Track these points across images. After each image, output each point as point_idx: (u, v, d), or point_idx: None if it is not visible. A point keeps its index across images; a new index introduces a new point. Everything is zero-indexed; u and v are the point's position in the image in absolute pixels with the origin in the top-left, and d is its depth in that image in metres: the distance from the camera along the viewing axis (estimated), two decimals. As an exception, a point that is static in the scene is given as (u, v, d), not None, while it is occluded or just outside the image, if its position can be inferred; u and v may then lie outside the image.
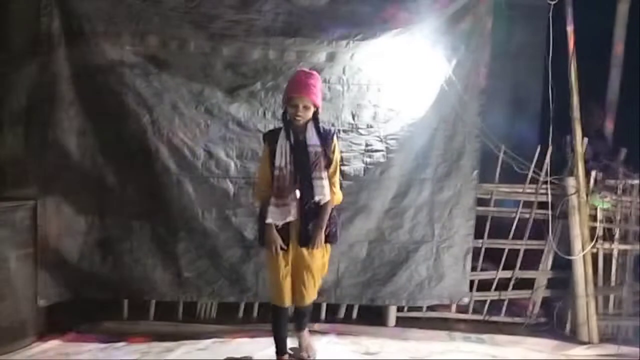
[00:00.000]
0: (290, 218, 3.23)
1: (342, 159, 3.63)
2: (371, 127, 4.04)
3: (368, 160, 4.04)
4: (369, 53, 3.99)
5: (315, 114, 3.24)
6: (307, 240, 3.28)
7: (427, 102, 4.03)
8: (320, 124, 3.28)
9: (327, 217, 3.28)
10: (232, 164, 3.98)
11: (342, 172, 3.75)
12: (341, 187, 3.57)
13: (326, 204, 3.26)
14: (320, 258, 3.39)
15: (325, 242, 3.35)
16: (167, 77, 3.86)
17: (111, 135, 3.89)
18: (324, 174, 3.21)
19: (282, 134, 3.24)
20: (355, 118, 4.04)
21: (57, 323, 3.92)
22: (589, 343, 4.16)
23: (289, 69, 3.94)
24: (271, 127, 3.92)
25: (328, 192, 3.23)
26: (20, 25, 4.11)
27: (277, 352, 3.51)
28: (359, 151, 4.03)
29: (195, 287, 4.04)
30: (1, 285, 3.58)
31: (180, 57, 3.88)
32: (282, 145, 3.21)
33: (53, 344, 3.76)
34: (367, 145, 4.04)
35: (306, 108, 3.17)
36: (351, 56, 3.97)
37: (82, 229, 3.94)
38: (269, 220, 3.22)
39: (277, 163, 3.20)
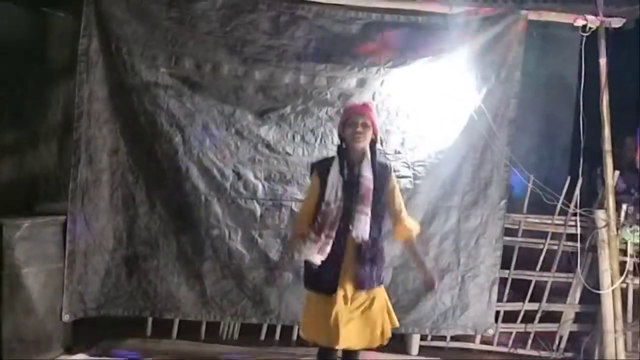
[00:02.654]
0: (322, 258, 2.85)
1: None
2: (399, 153, 4.06)
3: (395, 186, 4.03)
4: (399, 80, 4.02)
5: (373, 145, 2.96)
6: (362, 284, 2.89)
7: (456, 130, 4.04)
8: (378, 159, 3.01)
9: (421, 253, 3.06)
10: (260, 186, 4.01)
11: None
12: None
13: (413, 241, 3.06)
14: (379, 302, 3.00)
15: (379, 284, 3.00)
16: (199, 99, 3.93)
17: (143, 154, 3.96)
18: (368, 210, 2.85)
19: (335, 166, 2.91)
20: (383, 144, 4.04)
21: (82, 338, 3.97)
22: (617, 381, 4.06)
23: (319, 93, 4.00)
24: (299, 150, 4.00)
25: (367, 230, 2.84)
26: (59, 45, 4.26)
27: None
28: (386, 177, 4.03)
29: (219, 307, 4.05)
30: (29, 299, 3.64)
31: (214, 79, 3.94)
32: (334, 179, 2.88)
33: (78, 357, 3.80)
34: (394, 171, 4.02)
35: (365, 126, 2.87)
36: (381, 83, 4.01)
37: (109, 245, 3.98)
38: (310, 259, 2.87)
39: (326, 197, 2.86)
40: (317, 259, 2.86)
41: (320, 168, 2.97)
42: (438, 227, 4.12)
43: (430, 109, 4.04)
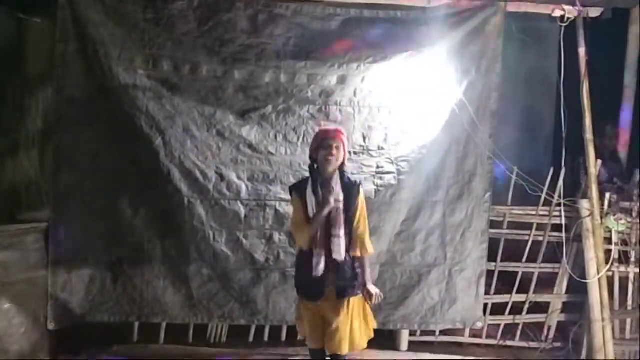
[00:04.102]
0: (318, 273, 3.08)
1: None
2: (382, 149, 4.04)
3: (379, 182, 4.03)
4: (380, 75, 4.01)
5: (342, 166, 3.17)
6: (342, 293, 3.12)
7: (439, 124, 4.04)
8: (347, 175, 3.19)
9: (367, 271, 3.19)
10: (244, 186, 3.98)
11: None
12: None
13: (362, 258, 3.18)
14: (358, 307, 3.20)
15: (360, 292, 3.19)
16: (179, 101, 3.90)
17: (124, 158, 3.92)
18: (342, 232, 3.08)
19: (309, 187, 3.14)
20: (366, 140, 4.04)
21: (68, 346, 3.91)
22: (606, 369, 4.07)
23: (300, 92, 3.98)
24: (282, 150, 4.00)
25: (343, 251, 3.08)
26: (36, 51, 4.19)
27: None
28: (369, 173, 4.02)
29: (206, 309, 4.03)
30: (12, 308, 3.58)
31: (193, 80, 3.92)
32: (311, 199, 3.12)
33: (63, 367, 3.76)
34: (378, 167, 4.03)
35: (338, 150, 3.10)
36: (362, 79, 4.00)
37: (93, 251, 3.94)
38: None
39: (311, 216, 3.10)
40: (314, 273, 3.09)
41: (298, 189, 3.20)
42: (424, 222, 4.12)
43: (412, 103, 4.03)
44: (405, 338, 4.26)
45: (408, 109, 4.04)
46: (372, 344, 4.18)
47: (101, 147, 3.92)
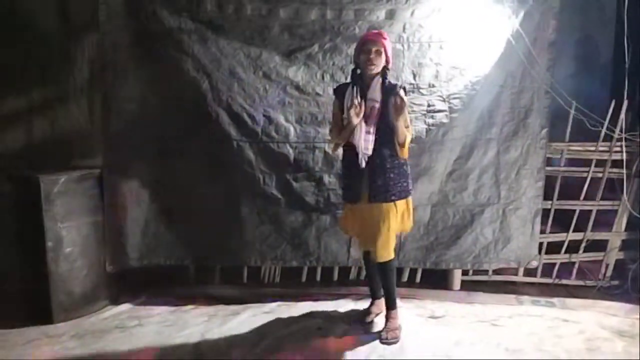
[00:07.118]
0: (355, 168, 3.26)
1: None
2: (433, 86, 3.90)
3: (430, 121, 3.91)
4: (430, 9, 3.85)
5: (385, 70, 3.26)
6: (375, 196, 3.27)
7: (493, 58, 3.85)
8: (388, 79, 3.28)
9: (399, 120, 3.16)
10: (292, 129, 3.93)
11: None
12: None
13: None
14: (392, 214, 3.30)
15: (395, 199, 3.30)
16: (224, 42, 3.83)
17: (171, 102, 3.90)
18: (371, 129, 3.20)
19: (350, 88, 3.28)
20: (417, 77, 3.90)
21: (128, 288, 4.04)
22: (665, 306, 3.97)
23: (347, 29, 3.85)
24: (330, 90, 3.87)
25: (369, 147, 3.19)
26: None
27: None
28: (420, 112, 3.90)
29: (259, 252, 4.06)
30: (74, 252, 3.69)
31: (237, 21, 3.83)
32: (348, 99, 3.26)
33: (125, 307, 3.88)
34: (429, 105, 3.90)
35: (378, 53, 3.19)
36: (411, 13, 3.84)
37: (146, 196, 4.00)
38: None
39: (345, 116, 3.27)
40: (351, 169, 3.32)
41: (338, 92, 3.40)
42: (477, 160, 4.00)
43: (465, 37, 3.85)
44: (457, 277, 4.23)
45: (460, 43, 3.86)
46: (424, 283, 4.24)
47: (148, 92, 3.90)
